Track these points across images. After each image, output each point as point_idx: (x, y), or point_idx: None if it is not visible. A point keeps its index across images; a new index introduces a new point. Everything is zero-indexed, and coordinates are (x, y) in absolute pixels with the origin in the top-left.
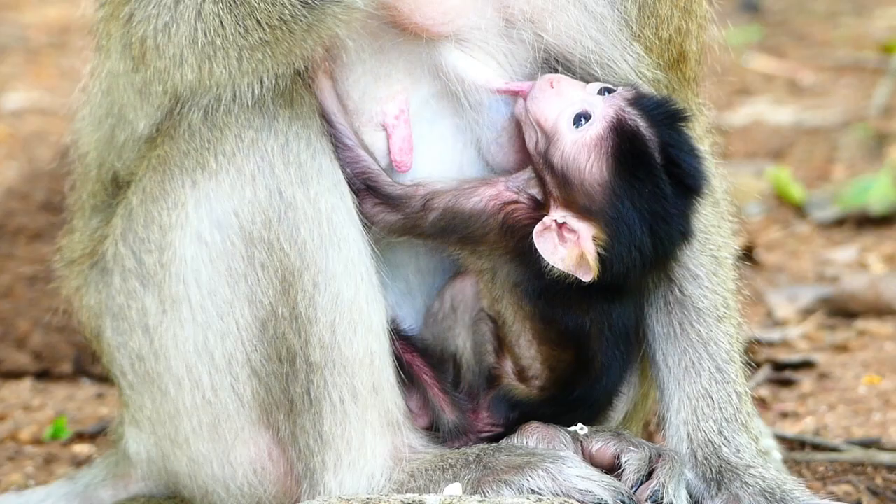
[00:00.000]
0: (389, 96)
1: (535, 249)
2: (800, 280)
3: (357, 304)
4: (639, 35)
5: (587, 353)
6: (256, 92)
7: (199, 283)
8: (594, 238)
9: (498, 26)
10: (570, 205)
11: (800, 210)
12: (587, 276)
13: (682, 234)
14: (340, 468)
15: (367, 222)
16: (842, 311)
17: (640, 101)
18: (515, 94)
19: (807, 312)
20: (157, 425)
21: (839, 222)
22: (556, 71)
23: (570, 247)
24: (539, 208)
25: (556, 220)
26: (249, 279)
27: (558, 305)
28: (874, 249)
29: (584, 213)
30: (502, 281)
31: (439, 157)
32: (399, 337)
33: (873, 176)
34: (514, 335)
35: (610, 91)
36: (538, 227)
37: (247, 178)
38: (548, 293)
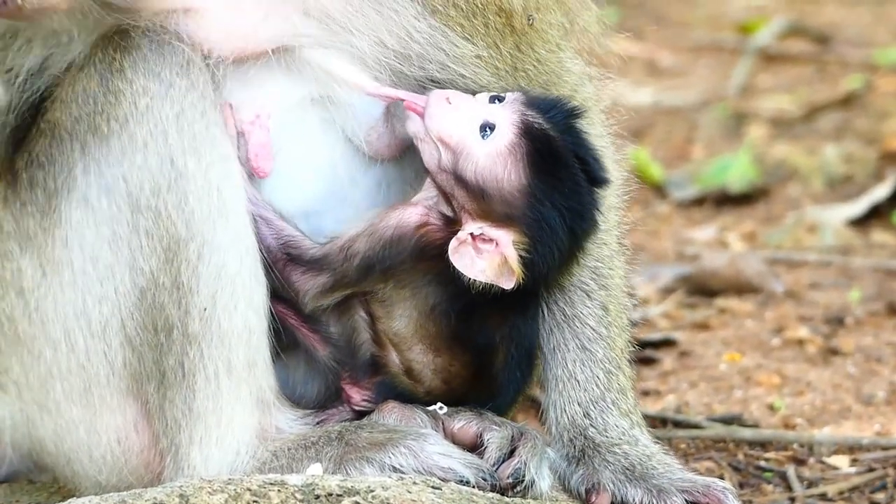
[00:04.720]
0: (244, 101)
1: (454, 267)
2: (660, 259)
3: (241, 277)
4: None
5: (488, 372)
6: None
7: (83, 248)
8: (514, 243)
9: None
10: (487, 215)
11: (659, 190)
12: (510, 283)
13: (594, 225)
14: (208, 443)
15: (300, 297)
16: (702, 289)
17: (536, 104)
18: (387, 99)
19: (667, 291)
20: (25, 389)
21: (699, 201)
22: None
23: (489, 257)
24: (451, 225)
25: (471, 234)
26: (132, 246)
27: (474, 323)
28: (733, 228)
29: (502, 220)
30: (418, 304)
31: (311, 155)
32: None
33: (732, 155)
34: (406, 345)
35: (500, 99)
36: (452, 243)
37: (138, 145)
38: (464, 312)
